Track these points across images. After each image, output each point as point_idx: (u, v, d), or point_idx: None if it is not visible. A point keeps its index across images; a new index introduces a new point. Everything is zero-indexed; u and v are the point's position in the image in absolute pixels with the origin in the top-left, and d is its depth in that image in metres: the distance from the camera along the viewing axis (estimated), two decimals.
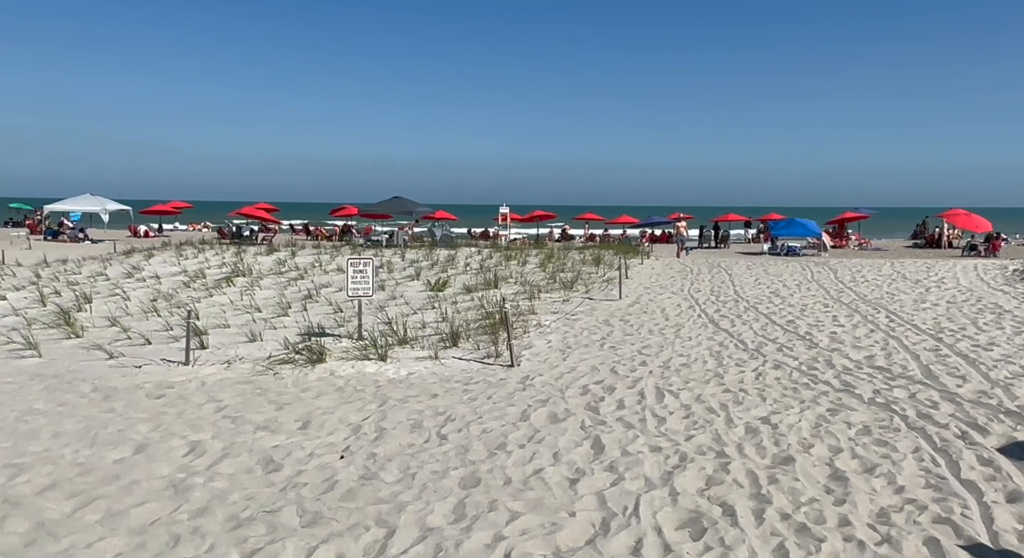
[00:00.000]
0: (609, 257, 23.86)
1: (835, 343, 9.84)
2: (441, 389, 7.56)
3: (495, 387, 7.60)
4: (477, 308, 13.10)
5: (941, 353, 8.94)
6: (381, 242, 35.24)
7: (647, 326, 11.50)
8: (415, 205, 39.16)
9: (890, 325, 11.19)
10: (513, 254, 23.88)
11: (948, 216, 40.97)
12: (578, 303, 14.11)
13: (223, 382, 7.80)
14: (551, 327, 11.42)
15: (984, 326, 10.91)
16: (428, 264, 21.57)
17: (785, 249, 35.43)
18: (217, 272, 18.70)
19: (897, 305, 13.37)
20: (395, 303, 14.14)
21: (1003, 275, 18.09)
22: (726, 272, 20.35)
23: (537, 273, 19.27)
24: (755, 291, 15.95)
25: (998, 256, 31.10)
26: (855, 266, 21.51)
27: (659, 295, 15.47)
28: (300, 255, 24.31)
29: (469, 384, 7.77)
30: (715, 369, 8.34)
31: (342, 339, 10.21)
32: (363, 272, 10.16)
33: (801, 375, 7.94)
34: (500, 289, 16.11)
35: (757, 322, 11.75)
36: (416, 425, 6.21)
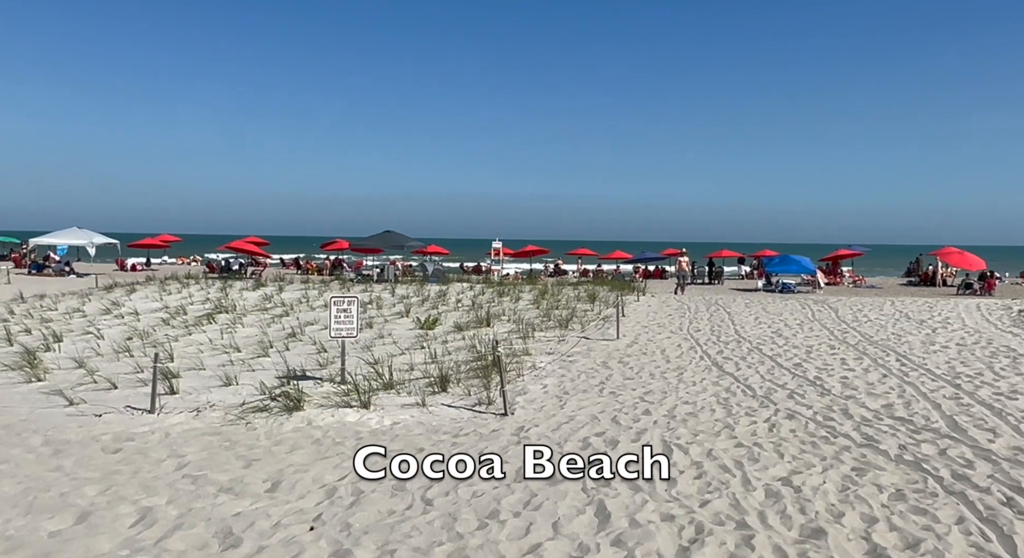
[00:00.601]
0: (604, 293, 23.33)
1: (848, 389, 9.27)
2: (428, 441, 6.91)
3: (487, 440, 6.96)
4: (469, 348, 12.49)
5: (963, 402, 8.37)
6: (372, 277, 34.69)
7: (648, 369, 10.91)
8: (406, 239, 38.72)
9: (902, 369, 10.64)
10: (506, 290, 23.32)
11: (941, 254, 40.77)
12: (574, 343, 13.52)
13: (189, 433, 7.13)
14: (547, 370, 10.81)
15: (1001, 372, 10.37)
16: (419, 300, 20.98)
17: (780, 286, 35.05)
18: (199, 308, 18.05)
19: (906, 347, 12.84)
20: (383, 342, 13.51)
21: (1009, 316, 17.63)
22: (724, 310, 19.83)
23: (531, 310, 18.70)
24: (757, 331, 15.40)
25: (993, 295, 30.81)
26: (855, 305, 21.04)
27: (658, 334, 14.90)
28: (287, 290, 23.69)
29: (459, 436, 7.13)
30: (724, 419, 7.73)
31: (324, 383, 9.56)
32: (347, 311, 9.57)
33: (818, 426, 7.35)
34: (492, 327, 15.52)
35: (763, 365, 11.17)
36: (398, 486, 5.57)
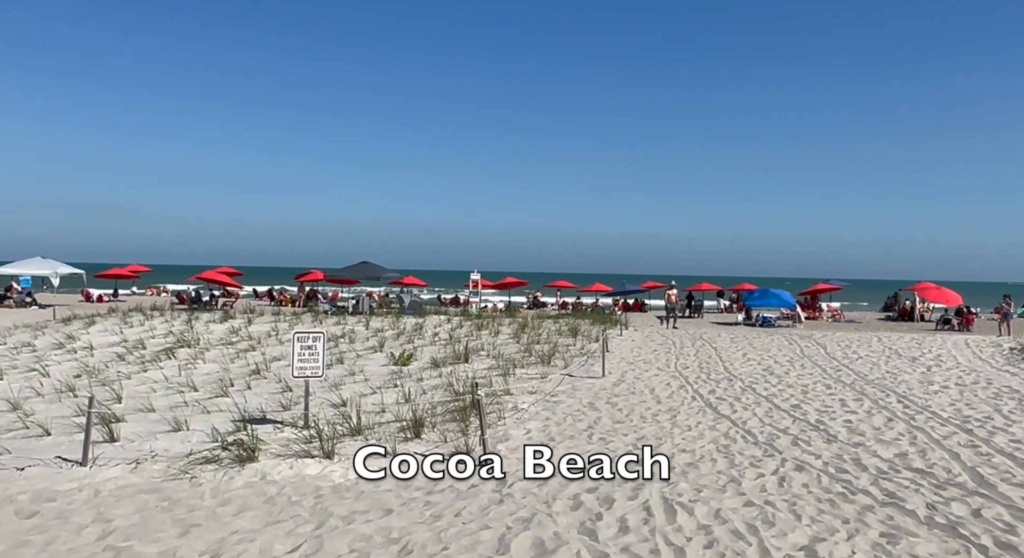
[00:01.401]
0: (586, 327, 22.65)
1: (855, 435, 8.60)
2: (397, 501, 6.08)
3: (465, 498, 6.15)
4: (446, 387, 11.67)
5: (981, 452, 7.73)
6: (347, 308, 33.78)
7: (638, 411, 10.17)
8: (383, 270, 37.92)
9: (907, 412, 10.02)
10: (485, 323, 22.55)
11: (919, 289, 40.78)
12: (558, 381, 12.75)
13: (123, 491, 6.22)
14: (529, 412, 10.03)
15: (1011, 415, 9.79)
16: (394, 334, 20.11)
17: (760, 320, 34.73)
18: (160, 343, 17.04)
19: (904, 387, 12.26)
20: (353, 380, 12.64)
21: (1001, 354, 17.21)
22: (710, 345, 19.21)
23: (511, 345, 17.92)
24: (747, 368, 14.76)
25: (971, 330, 30.67)
26: (842, 340, 20.56)
27: (645, 372, 14.19)
28: (257, 323, 22.70)
29: (433, 493, 6.30)
30: (727, 471, 7.00)
31: (285, 427, 8.68)
32: (312, 348, 8.74)
33: (831, 480, 6.64)
34: (471, 364, 14.71)
35: (759, 407, 10.49)
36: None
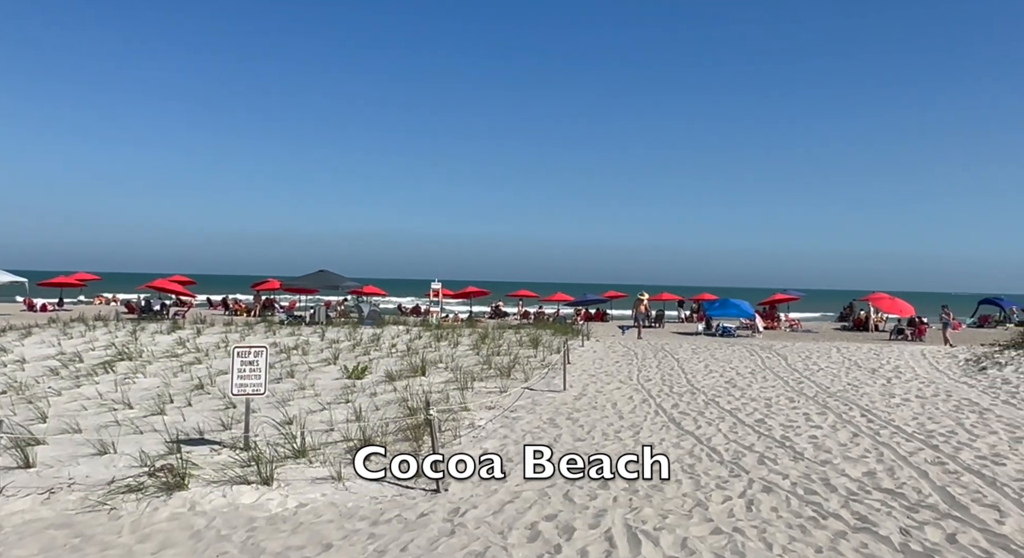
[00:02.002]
0: (547, 338, 22.31)
1: (821, 452, 8.35)
2: (338, 533, 5.56)
3: (413, 529, 5.66)
4: (400, 402, 11.16)
5: (949, 469, 7.53)
6: (304, 318, 32.94)
7: (600, 427, 9.79)
8: (341, 279, 37.12)
9: (871, 427, 9.84)
10: (444, 333, 22.04)
11: (873, 299, 41.50)
12: (517, 395, 12.33)
13: (29, 526, 5.59)
14: (487, 429, 9.58)
15: (973, 429, 9.68)
16: (349, 345, 19.48)
17: (720, 330, 34.92)
18: (100, 355, 16.15)
19: (867, 400, 12.14)
20: (303, 395, 12.03)
21: (957, 364, 17.34)
22: (672, 357, 19.01)
23: (470, 356, 17.45)
24: (709, 380, 14.54)
25: (924, 340, 31.30)
26: (803, 351, 20.57)
27: (607, 385, 13.85)
28: (207, 333, 21.81)
29: (378, 523, 5.80)
30: (694, 493, 6.64)
31: (222, 449, 8.07)
32: (254, 364, 8.16)
33: (801, 503, 6.33)
34: (428, 377, 14.20)
35: (723, 422, 10.21)
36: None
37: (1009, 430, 9.55)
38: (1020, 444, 8.70)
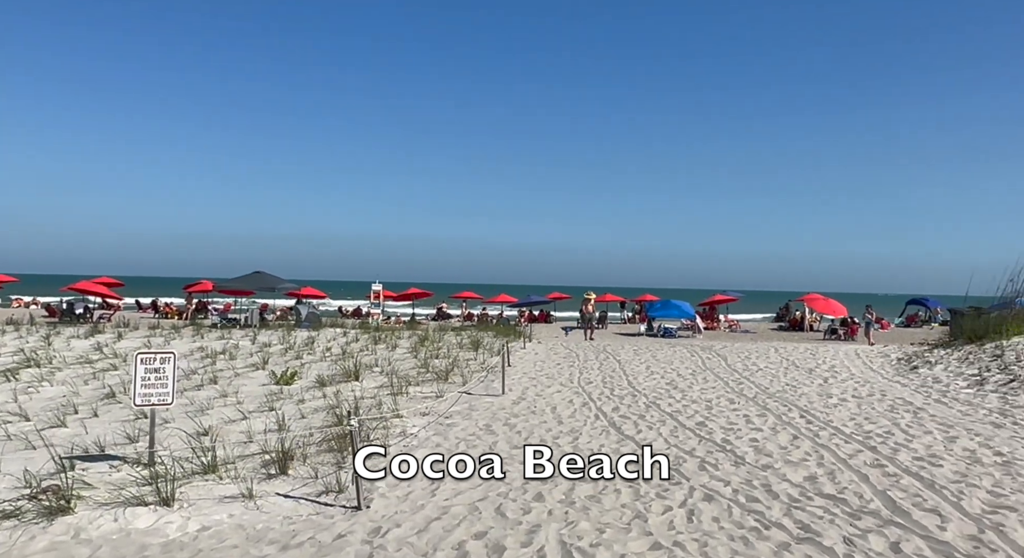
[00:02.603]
0: (489, 340, 21.90)
1: (762, 456, 8.15)
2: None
3: (327, 554, 5.14)
4: (329, 409, 10.55)
5: (889, 472, 7.41)
6: (238, 321, 31.76)
7: (537, 433, 9.41)
8: (279, 281, 35.97)
9: (810, 428, 9.74)
10: (382, 336, 21.40)
11: (808, 300, 42.57)
12: (454, 400, 11.86)
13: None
14: (419, 437, 9.08)
15: (908, 429, 9.67)
16: (281, 349, 18.67)
17: (662, 331, 35.22)
18: (5, 362, 14.98)
19: (805, 401, 12.11)
20: (224, 402, 11.30)
21: (890, 364, 17.66)
22: (614, 358, 18.83)
23: (408, 360, 16.90)
24: (650, 382, 14.36)
25: (856, 340, 32.26)
26: (742, 352, 20.70)
27: (547, 388, 13.51)
28: (128, 337, 20.67)
29: (288, 548, 5.25)
30: (632, 504, 6.30)
31: (124, 465, 7.36)
32: (160, 371, 7.47)
33: (743, 512, 6.06)
34: (361, 382, 13.60)
35: (664, 425, 9.96)
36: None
37: (943, 430, 9.58)
38: (954, 444, 8.70)
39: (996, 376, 13.41)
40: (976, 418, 10.40)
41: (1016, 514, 5.92)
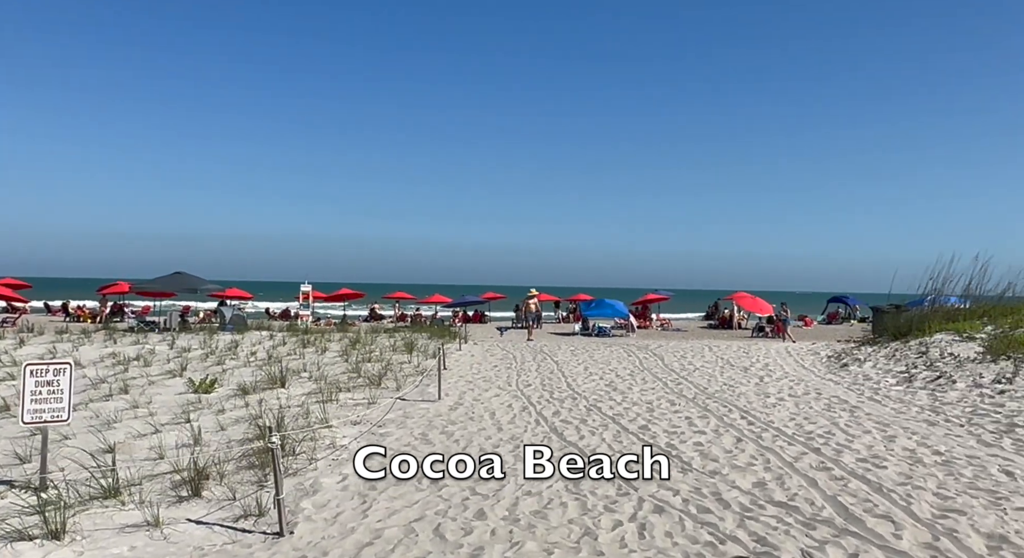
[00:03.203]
0: (423, 342, 21.31)
1: (708, 461, 7.92)
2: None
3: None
4: (251, 420, 9.81)
5: (836, 475, 7.28)
6: (158, 324, 30.09)
7: (477, 442, 8.95)
8: (201, 282, 34.34)
9: (752, 430, 9.62)
10: (312, 339, 20.52)
11: (736, 298, 43.55)
12: (387, 406, 11.27)
13: None
14: (350, 449, 8.47)
15: (847, 428, 9.67)
16: (202, 354, 17.61)
17: (596, 330, 35.32)
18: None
19: (744, 401, 12.06)
20: (135, 415, 10.40)
21: (820, 361, 17.99)
22: (552, 359, 18.55)
23: (338, 364, 16.16)
24: (589, 384, 14.10)
25: (782, 337, 33.02)
26: (678, 351, 20.77)
27: (485, 392, 13.06)
28: (32, 343, 19.19)
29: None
30: (580, 519, 5.92)
31: (10, 491, 6.51)
32: (53, 384, 6.65)
33: (696, 525, 5.76)
34: (288, 388, 12.83)
35: (607, 430, 9.66)
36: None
37: (880, 429, 9.61)
38: (894, 443, 8.70)
39: (923, 373, 13.73)
40: (910, 416, 10.53)
41: (966, 518, 5.83)
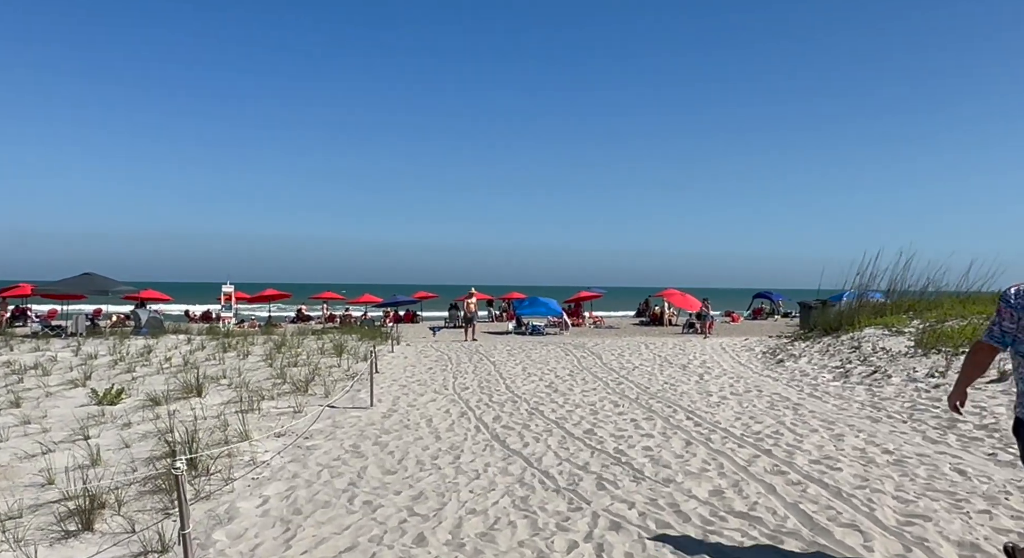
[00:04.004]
0: (353, 343, 20.41)
1: (660, 467, 7.51)
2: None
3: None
4: (160, 434, 8.85)
5: (792, 479, 6.97)
6: (65, 329, 28.11)
7: (413, 453, 8.28)
8: (112, 283, 32.32)
9: (700, 431, 9.30)
10: (234, 342, 19.32)
11: (666, 295, 44.15)
12: (315, 415, 10.46)
13: None
14: (272, 466, 7.67)
15: (794, 428, 9.47)
16: (110, 361, 16.27)
17: (530, 328, 35.13)
18: None
19: (687, 400, 11.80)
20: (25, 431, 9.26)
21: (755, 357, 18.05)
22: (488, 360, 17.99)
23: (262, 369, 15.15)
24: (529, 386, 13.60)
25: (711, 334, 33.60)
26: (615, 349, 20.55)
27: (420, 396, 12.38)
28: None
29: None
30: (531, 540, 5.37)
31: None
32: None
33: (657, 543, 5.29)
34: (204, 397, 11.82)
35: (551, 435, 9.16)
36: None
37: (826, 427, 9.45)
38: (843, 442, 8.51)
39: (858, 368, 13.83)
40: (852, 412, 10.44)
41: (932, 524, 5.57)
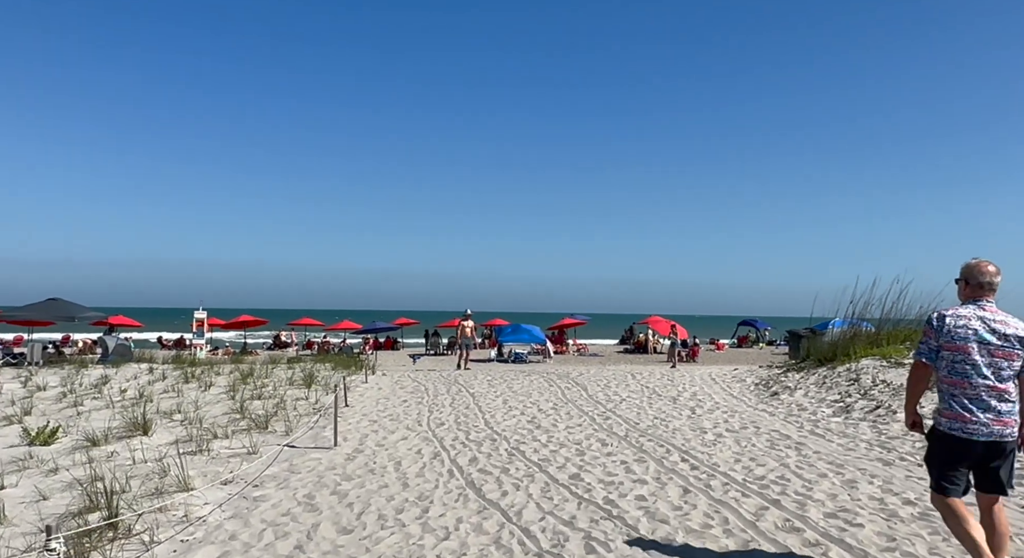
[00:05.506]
0: (326, 373, 19.34)
1: (657, 523, 6.57)
2: None
3: None
4: (89, 483, 7.78)
5: (809, 539, 6.06)
6: (26, 357, 26.72)
7: (376, 505, 7.28)
8: (79, 309, 31.17)
9: (698, 476, 8.39)
10: (198, 372, 18.19)
11: (651, 322, 43.41)
12: (271, 457, 9.43)
13: None
14: (208, 523, 6.64)
15: (800, 471, 8.59)
16: (60, 393, 15.10)
17: (513, 356, 34.27)
18: None
19: (680, 438, 10.90)
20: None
21: (747, 388, 17.21)
22: (467, 391, 17.00)
23: (223, 402, 14.06)
24: (510, 421, 12.63)
25: (697, 361, 32.85)
26: (600, 379, 19.64)
27: (391, 434, 11.37)
28: None
29: None
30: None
31: None
32: None
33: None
34: (152, 436, 10.75)
35: (532, 481, 8.20)
36: None
37: (835, 471, 8.58)
38: (857, 491, 7.63)
39: (860, 402, 13.01)
40: (860, 453, 9.59)
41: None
